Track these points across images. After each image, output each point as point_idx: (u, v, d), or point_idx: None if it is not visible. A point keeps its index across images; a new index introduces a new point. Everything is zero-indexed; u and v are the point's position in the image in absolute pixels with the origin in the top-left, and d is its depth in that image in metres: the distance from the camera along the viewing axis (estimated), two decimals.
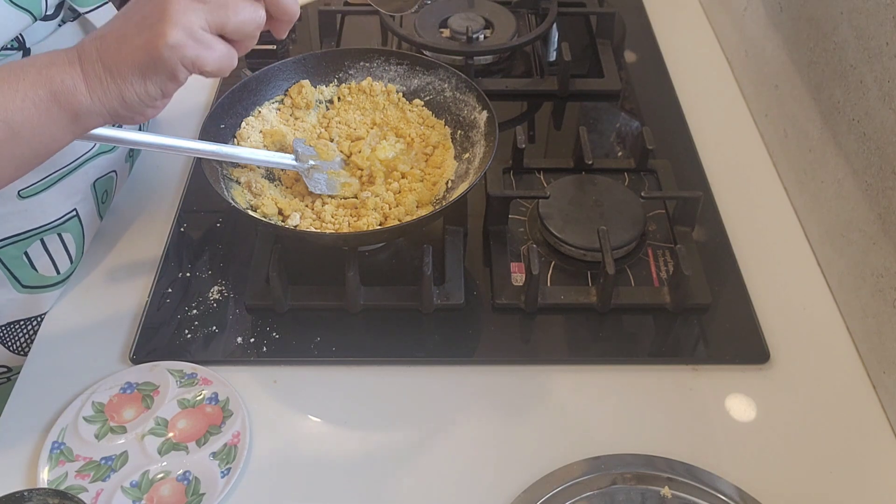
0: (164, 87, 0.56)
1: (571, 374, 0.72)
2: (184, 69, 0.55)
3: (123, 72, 0.54)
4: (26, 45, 0.67)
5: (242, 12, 0.56)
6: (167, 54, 0.53)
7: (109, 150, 0.80)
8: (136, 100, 0.56)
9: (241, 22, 0.56)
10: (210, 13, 0.54)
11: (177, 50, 0.53)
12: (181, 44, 0.53)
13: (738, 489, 0.63)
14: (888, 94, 0.69)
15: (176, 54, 0.53)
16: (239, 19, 0.56)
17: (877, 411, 0.69)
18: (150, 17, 0.54)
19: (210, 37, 0.55)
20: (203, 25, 0.54)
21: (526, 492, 0.63)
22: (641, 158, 0.89)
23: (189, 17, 0.53)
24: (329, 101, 0.87)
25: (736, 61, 1.06)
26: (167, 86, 0.56)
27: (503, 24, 1.09)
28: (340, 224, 0.75)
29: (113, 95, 0.55)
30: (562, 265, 0.80)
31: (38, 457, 0.65)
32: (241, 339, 0.74)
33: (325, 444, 0.67)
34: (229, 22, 0.55)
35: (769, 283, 0.79)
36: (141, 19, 0.54)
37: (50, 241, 0.75)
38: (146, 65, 0.54)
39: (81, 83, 0.54)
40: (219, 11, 0.55)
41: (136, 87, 0.55)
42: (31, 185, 0.71)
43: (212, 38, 0.55)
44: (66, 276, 0.78)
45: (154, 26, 0.53)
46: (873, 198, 0.71)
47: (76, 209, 0.77)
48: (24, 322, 0.77)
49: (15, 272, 0.74)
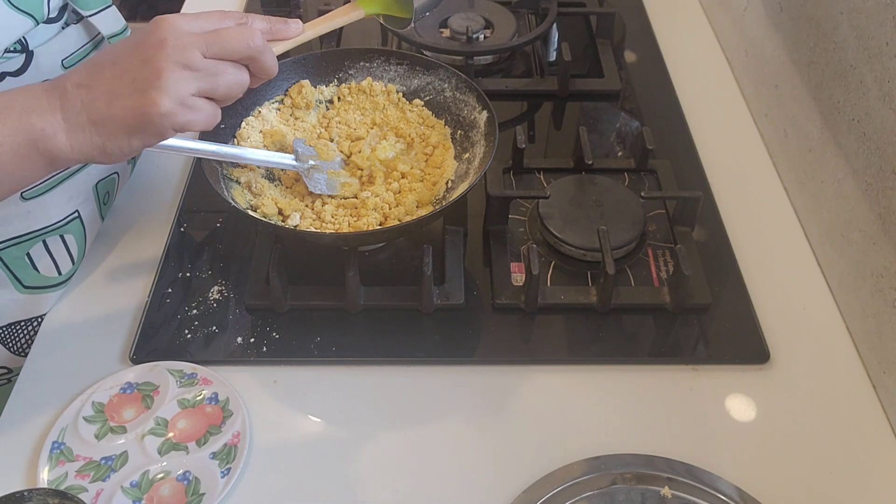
0: (148, 143, 0.58)
1: (571, 374, 0.72)
2: (172, 131, 0.57)
3: (110, 129, 0.56)
4: (29, 48, 0.67)
5: (230, 78, 0.58)
6: (158, 121, 0.55)
7: None
8: (118, 151, 0.57)
9: (228, 87, 0.59)
10: (201, 81, 0.57)
11: (168, 118, 0.55)
12: (173, 112, 0.55)
13: (738, 489, 0.63)
14: (888, 94, 0.69)
15: (167, 121, 0.55)
16: (227, 85, 0.58)
17: (877, 411, 0.69)
18: (141, 80, 0.55)
19: (198, 101, 0.57)
20: (194, 92, 0.56)
21: (526, 492, 0.63)
22: (641, 158, 0.89)
23: (181, 87, 0.55)
24: (329, 101, 0.87)
25: (736, 61, 1.06)
26: (151, 142, 0.58)
27: (503, 24, 1.09)
28: (340, 224, 0.75)
29: (94, 146, 0.56)
30: (562, 265, 0.80)
31: (38, 457, 0.65)
32: (241, 339, 0.74)
33: (325, 444, 0.67)
34: (218, 88, 0.58)
35: (769, 283, 0.79)
36: (133, 80, 0.55)
37: (52, 242, 0.75)
38: (135, 126, 0.56)
39: (62, 132, 0.56)
40: (209, 79, 0.57)
41: (120, 142, 0.57)
42: (34, 187, 0.71)
43: (200, 101, 0.57)
44: (68, 277, 0.78)
45: (147, 92, 0.55)
46: (873, 198, 0.71)
47: (78, 210, 0.77)
48: (25, 323, 0.77)
49: (17, 273, 0.74)
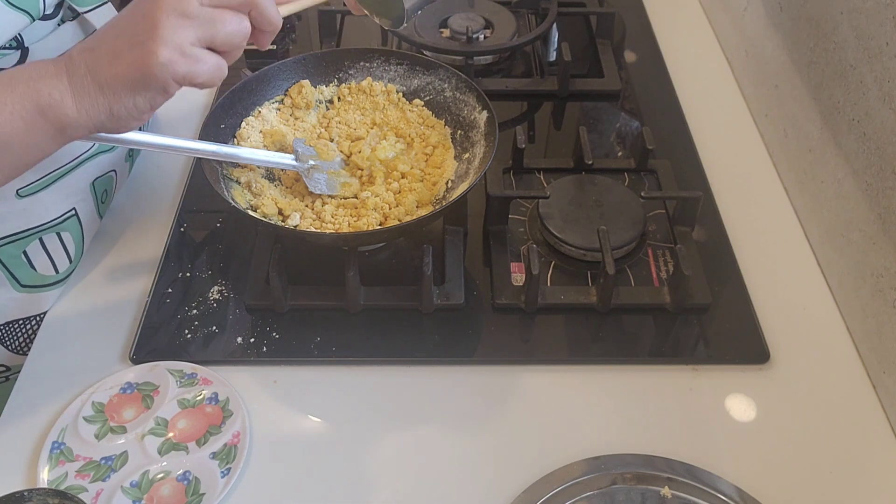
0: (154, 101, 0.57)
1: (571, 374, 0.72)
2: (175, 84, 0.56)
3: (114, 87, 0.55)
4: (24, 45, 0.67)
5: (229, 25, 0.57)
6: (159, 72, 0.54)
7: (108, 149, 0.81)
8: (125, 113, 0.57)
9: (228, 34, 0.57)
10: (199, 28, 0.56)
11: (168, 67, 0.54)
12: (172, 61, 0.54)
13: (738, 489, 0.63)
14: (888, 94, 0.69)
15: (167, 71, 0.55)
16: (227, 32, 0.57)
17: (877, 411, 0.69)
18: (140, 33, 0.55)
19: (200, 51, 0.56)
20: (193, 41, 0.55)
21: (526, 492, 0.63)
22: (641, 158, 0.89)
23: (179, 34, 0.55)
24: (329, 101, 0.87)
25: (736, 61, 1.06)
26: (157, 100, 0.57)
27: (503, 24, 1.09)
28: (340, 224, 0.75)
29: (102, 109, 0.56)
30: (562, 265, 0.80)
31: (38, 457, 0.65)
32: (241, 339, 0.74)
33: (325, 444, 0.67)
34: (217, 35, 0.57)
35: (769, 283, 0.79)
36: (132, 35, 0.55)
37: (49, 240, 0.75)
38: (138, 81, 0.55)
39: (69, 96, 0.55)
40: (207, 26, 0.56)
41: (126, 101, 0.56)
42: (29, 185, 0.71)
43: (201, 51, 0.56)
44: (66, 276, 0.78)
45: (145, 44, 0.54)
46: (873, 198, 0.71)
47: (75, 208, 0.77)
48: (24, 321, 0.77)
49: (14, 271, 0.74)
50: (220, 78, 0.58)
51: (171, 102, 0.59)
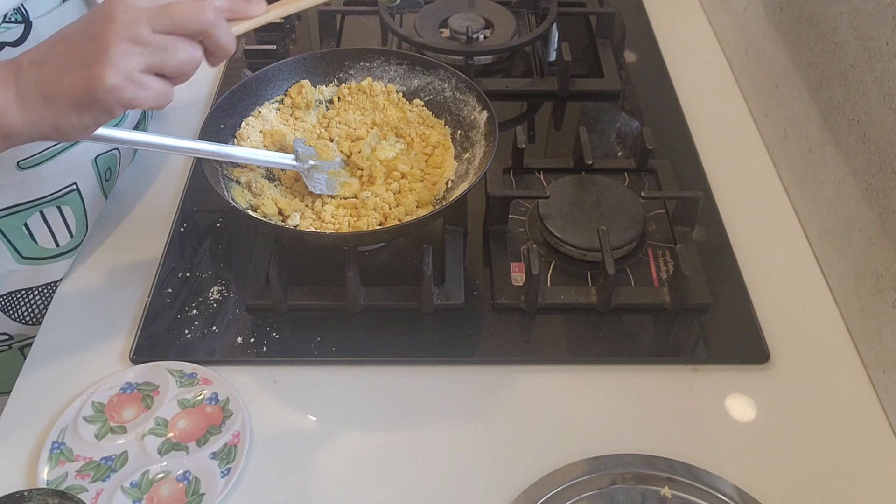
0: (98, 121, 0.57)
1: (571, 374, 0.72)
2: (120, 108, 0.56)
3: (60, 104, 0.55)
4: (29, 19, 0.67)
5: (181, 53, 0.57)
6: (103, 96, 0.54)
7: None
8: (70, 129, 0.57)
9: (179, 63, 0.57)
10: (150, 56, 0.55)
11: (114, 93, 0.54)
12: (119, 87, 0.54)
13: (738, 489, 0.63)
14: (888, 94, 0.69)
15: (112, 96, 0.54)
16: (178, 60, 0.57)
17: (877, 411, 0.69)
18: (90, 54, 0.54)
19: (147, 77, 0.56)
20: (142, 68, 0.55)
21: (526, 492, 0.63)
22: (641, 158, 0.89)
23: (128, 61, 0.54)
24: (329, 101, 0.87)
25: (736, 61, 1.06)
26: (101, 119, 0.57)
27: (503, 24, 1.09)
28: (340, 224, 0.75)
29: (47, 122, 0.56)
30: (562, 265, 0.80)
31: (38, 457, 0.65)
32: (241, 339, 0.74)
33: (325, 443, 0.67)
34: (168, 64, 0.56)
35: (769, 283, 0.79)
36: (82, 55, 0.55)
37: (49, 213, 0.76)
38: (83, 101, 0.55)
39: (14, 107, 0.55)
40: (158, 54, 0.55)
41: (70, 118, 0.56)
42: (30, 157, 0.72)
43: (148, 78, 0.56)
44: (67, 250, 0.79)
45: (93, 66, 0.54)
46: (873, 198, 0.71)
47: (76, 183, 0.78)
48: (26, 291, 0.78)
49: (15, 243, 0.75)
50: (166, 103, 0.58)
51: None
